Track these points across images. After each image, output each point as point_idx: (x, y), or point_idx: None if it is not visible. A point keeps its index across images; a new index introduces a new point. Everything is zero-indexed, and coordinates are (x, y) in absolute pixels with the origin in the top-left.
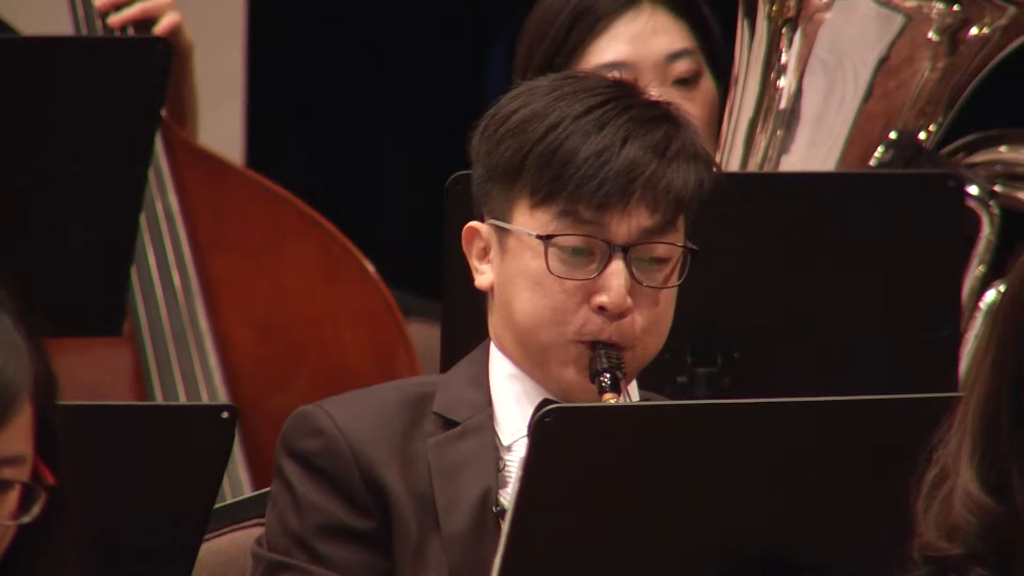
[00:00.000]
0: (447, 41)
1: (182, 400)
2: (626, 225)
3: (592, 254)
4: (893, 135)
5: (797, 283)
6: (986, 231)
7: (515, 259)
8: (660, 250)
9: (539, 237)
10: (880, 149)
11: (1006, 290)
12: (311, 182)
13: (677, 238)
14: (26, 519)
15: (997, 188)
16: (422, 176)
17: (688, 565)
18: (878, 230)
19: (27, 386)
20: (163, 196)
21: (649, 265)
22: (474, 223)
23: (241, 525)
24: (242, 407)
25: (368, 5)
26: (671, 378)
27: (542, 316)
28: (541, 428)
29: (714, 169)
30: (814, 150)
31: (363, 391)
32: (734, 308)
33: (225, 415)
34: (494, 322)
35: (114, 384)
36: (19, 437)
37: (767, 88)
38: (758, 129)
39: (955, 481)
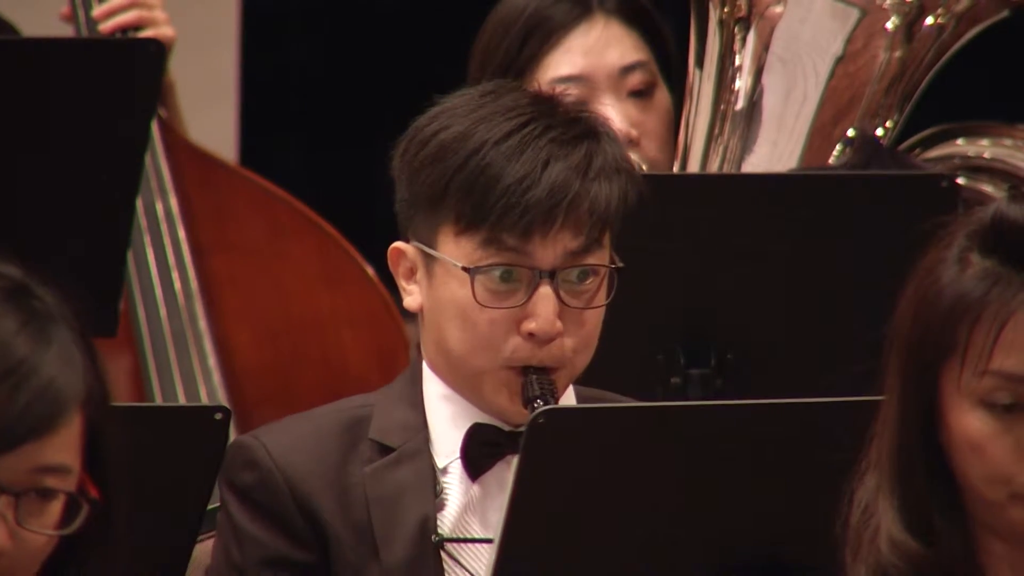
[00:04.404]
0: (443, 39)
1: (181, 401)
2: (551, 249)
3: (519, 280)
4: (851, 132)
5: (791, 284)
6: None
7: (442, 286)
8: (587, 271)
9: (465, 269)
10: (839, 147)
11: (897, 325)
12: (305, 182)
13: (603, 256)
14: (68, 531)
15: (960, 181)
16: None
17: (682, 566)
18: (872, 231)
19: (78, 398)
20: (163, 197)
21: (576, 286)
22: (399, 244)
23: None
24: (242, 409)
25: (363, 3)
26: (665, 379)
27: (472, 345)
28: (534, 429)
29: (637, 179)
30: (777, 149)
31: (299, 417)
32: (728, 309)
33: (218, 416)
34: (426, 343)
35: (113, 385)
36: (66, 447)
37: (723, 91)
38: (716, 133)
39: (878, 522)
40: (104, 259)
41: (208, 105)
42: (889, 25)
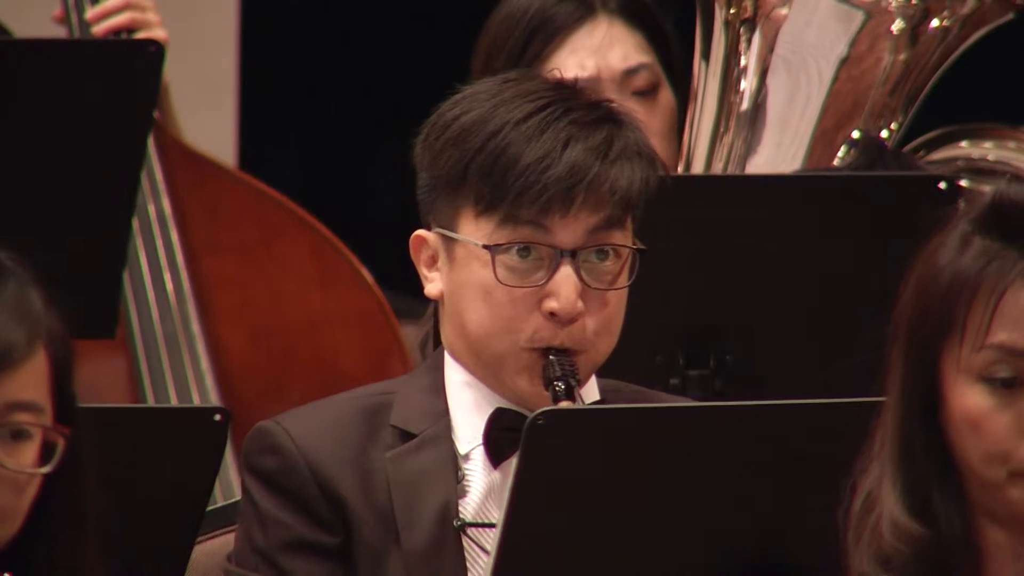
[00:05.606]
0: (441, 41)
1: (173, 403)
2: (572, 228)
3: (540, 260)
4: (856, 134)
5: (790, 285)
6: None
7: (463, 268)
8: (608, 251)
9: (486, 247)
10: (843, 148)
11: (899, 311)
12: (303, 184)
13: (625, 238)
14: (47, 468)
15: (963, 183)
16: (414, 178)
17: (682, 567)
18: (871, 232)
19: (41, 336)
20: (156, 199)
21: (597, 267)
22: (421, 232)
23: (234, 527)
24: (235, 410)
25: (361, 5)
26: (664, 380)
27: (493, 326)
28: (533, 430)
29: (659, 165)
30: (780, 151)
31: (321, 403)
32: (727, 310)
33: (218, 418)
34: (446, 330)
35: (107, 387)
36: (32, 385)
37: (728, 92)
38: (721, 134)
39: (881, 508)
40: (103, 260)
41: (207, 107)
42: (894, 28)
